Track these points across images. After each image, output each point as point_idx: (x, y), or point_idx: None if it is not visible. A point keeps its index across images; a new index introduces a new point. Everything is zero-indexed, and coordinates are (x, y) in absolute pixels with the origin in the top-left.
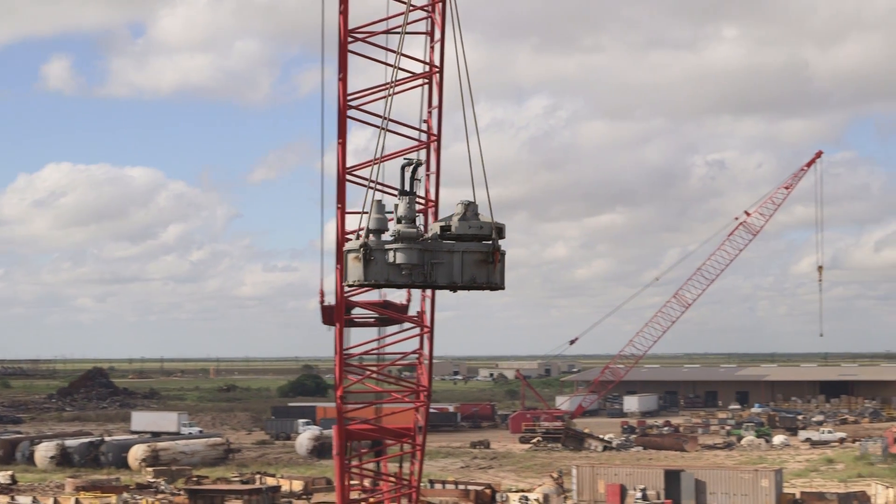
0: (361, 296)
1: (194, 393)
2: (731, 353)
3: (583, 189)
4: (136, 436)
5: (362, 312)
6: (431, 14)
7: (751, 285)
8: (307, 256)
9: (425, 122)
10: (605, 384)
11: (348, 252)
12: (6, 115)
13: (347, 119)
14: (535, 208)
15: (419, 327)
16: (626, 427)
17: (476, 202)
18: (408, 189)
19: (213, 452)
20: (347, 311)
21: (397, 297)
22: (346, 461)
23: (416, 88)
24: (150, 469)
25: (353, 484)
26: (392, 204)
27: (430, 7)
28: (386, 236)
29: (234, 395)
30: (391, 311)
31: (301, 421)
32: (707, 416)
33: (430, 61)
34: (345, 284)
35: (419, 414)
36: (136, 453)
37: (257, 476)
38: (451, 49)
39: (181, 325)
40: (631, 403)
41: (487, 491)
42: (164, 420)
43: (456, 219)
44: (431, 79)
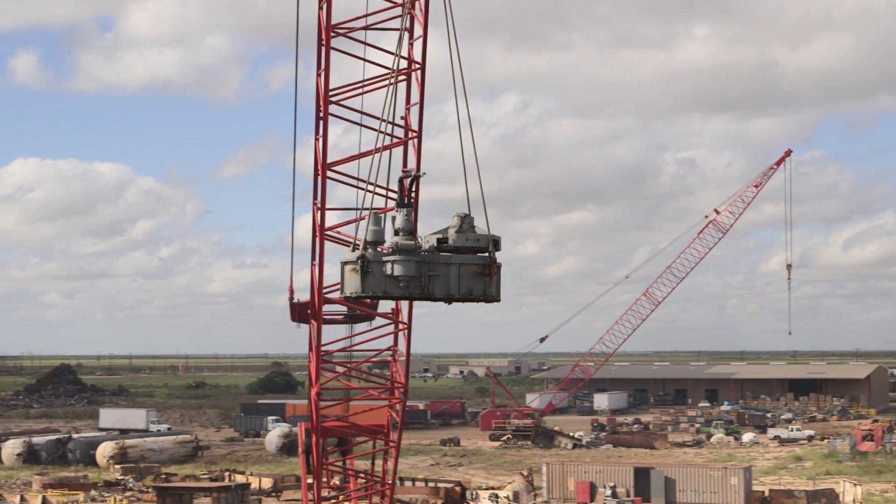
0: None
1: (163, 390)
2: (700, 351)
3: (553, 187)
4: (104, 433)
5: (331, 309)
6: (412, 10)
7: (720, 283)
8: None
9: (402, 118)
10: (575, 382)
11: (345, 264)
12: None
13: (322, 116)
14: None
15: (394, 324)
16: (595, 425)
17: (471, 214)
18: (406, 201)
19: (182, 450)
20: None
21: None
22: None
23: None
24: (118, 466)
25: (325, 482)
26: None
27: (409, 4)
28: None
29: (203, 393)
30: (364, 307)
31: (270, 418)
32: (676, 414)
33: (411, 57)
34: (342, 296)
35: (394, 411)
36: (105, 451)
37: (226, 473)
38: (429, 45)
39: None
40: (601, 401)
41: (457, 489)
42: (133, 417)
43: (452, 231)
44: (411, 75)
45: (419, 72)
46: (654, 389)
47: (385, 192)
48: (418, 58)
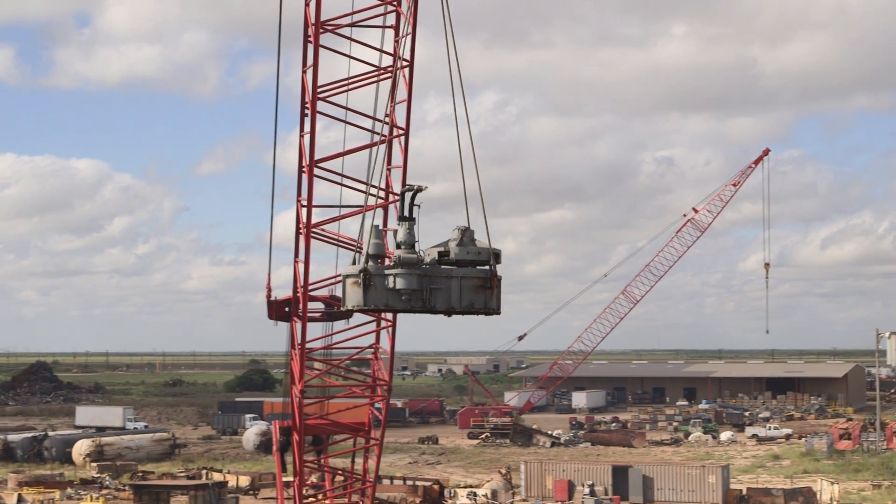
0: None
1: (140, 387)
2: (678, 349)
3: (532, 185)
4: (80, 431)
5: (310, 306)
6: (398, 7)
7: (698, 282)
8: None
9: (387, 115)
10: (553, 380)
11: (347, 277)
12: None
13: (307, 113)
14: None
15: (377, 322)
16: (574, 423)
17: (472, 228)
18: (407, 214)
19: (159, 447)
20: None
21: None
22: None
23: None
24: (94, 464)
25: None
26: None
27: (395, 1)
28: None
29: (180, 390)
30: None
31: (248, 416)
32: (655, 413)
33: (397, 54)
34: (343, 308)
35: (375, 409)
36: (81, 448)
37: (204, 471)
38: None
39: (127, 318)
40: (579, 399)
41: (436, 487)
42: (109, 415)
43: (454, 244)
44: (396, 73)
45: (407, 69)
46: (633, 388)
47: (377, 192)
48: (406, 55)
